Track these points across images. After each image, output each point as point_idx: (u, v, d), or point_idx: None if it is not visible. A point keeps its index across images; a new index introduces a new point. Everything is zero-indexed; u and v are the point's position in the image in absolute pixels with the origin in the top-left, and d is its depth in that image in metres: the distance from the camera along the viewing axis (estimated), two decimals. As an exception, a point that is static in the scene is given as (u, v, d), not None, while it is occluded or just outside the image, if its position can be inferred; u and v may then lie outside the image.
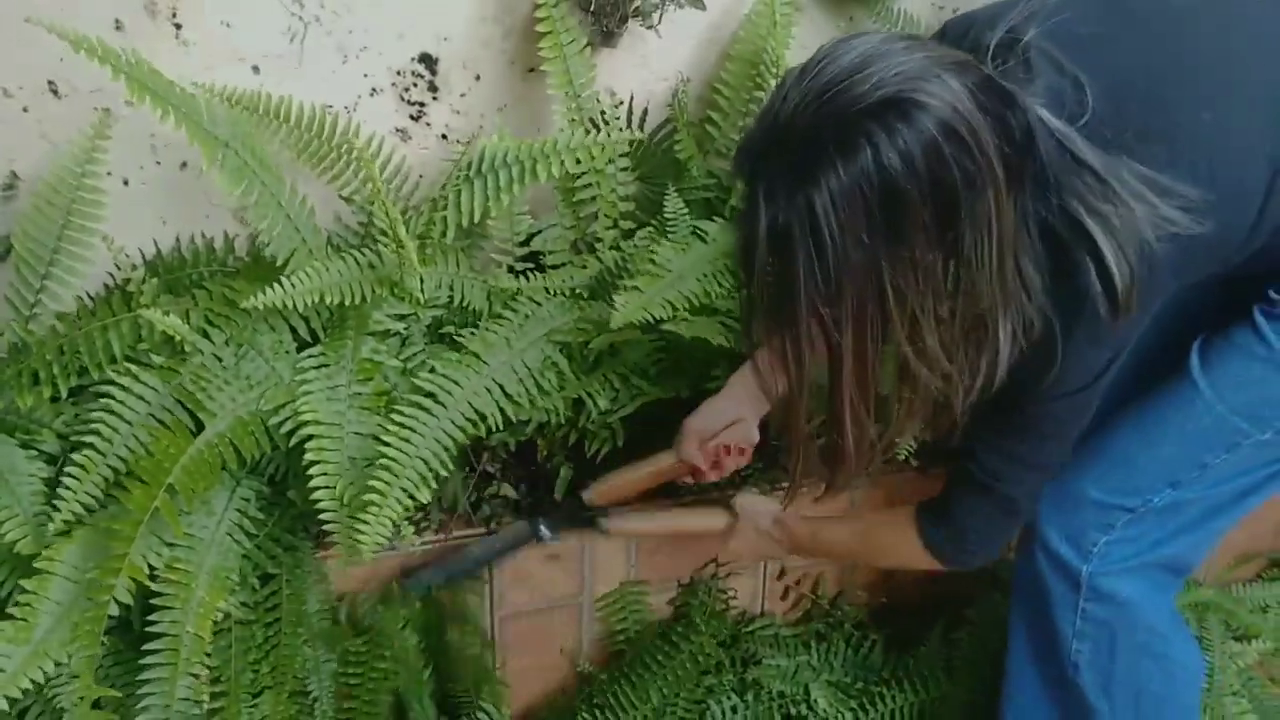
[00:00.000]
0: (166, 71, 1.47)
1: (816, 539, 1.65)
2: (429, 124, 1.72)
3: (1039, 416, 1.31)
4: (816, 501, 1.41)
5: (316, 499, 1.45)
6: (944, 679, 1.88)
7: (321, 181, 1.62)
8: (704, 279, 1.64)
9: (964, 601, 1.94)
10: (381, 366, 1.55)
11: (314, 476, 1.45)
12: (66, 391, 1.46)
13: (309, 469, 1.45)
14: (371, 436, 1.48)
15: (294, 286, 1.45)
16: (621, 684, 1.78)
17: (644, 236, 1.73)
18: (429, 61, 1.68)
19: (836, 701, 1.81)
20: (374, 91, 1.67)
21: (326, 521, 1.46)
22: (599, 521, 1.67)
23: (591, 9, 1.65)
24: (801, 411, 1.22)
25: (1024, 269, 1.14)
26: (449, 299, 1.63)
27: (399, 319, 1.58)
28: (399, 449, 1.46)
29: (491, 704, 1.73)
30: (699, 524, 1.70)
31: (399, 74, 1.67)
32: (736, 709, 1.80)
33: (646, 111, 1.83)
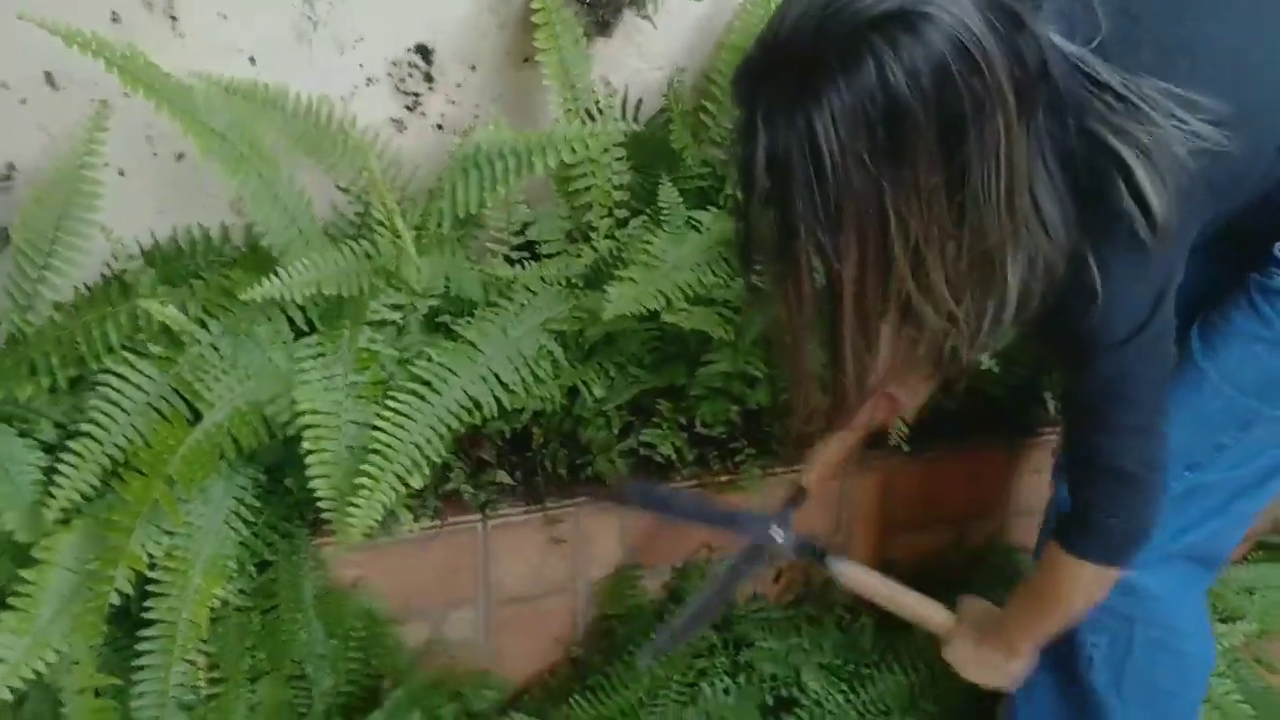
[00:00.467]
0: (163, 64, 1.47)
1: (1013, 619, 1.52)
2: (424, 114, 1.73)
3: (1114, 375, 1.25)
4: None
5: (314, 487, 1.46)
6: (934, 661, 1.89)
7: (317, 172, 1.61)
8: (698, 269, 1.63)
9: (955, 583, 1.96)
10: (378, 356, 1.56)
11: (311, 465, 1.46)
12: (65, 382, 1.47)
13: (306, 458, 1.46)
14: (368, 425, 1.49)
15: (292, 277, 1.45)
16: (614, 665, 1.80)
17: (638, 225, 1.73)
18: (425, 52, 1.68)
19: (828, 683, 1.83)
20: (370, 81, 1.68)
21: (324, 510, 1.47)
22: (830, 563, 1.60)
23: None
24: (804, 346, 1.17)
25: (1041, 204, 1.08)
26: (445, 288, 1.63)
27: (395, 309, 1.59)
28: (392, 434, 1.47)
29: (487, 687, 1.75)
30: (922, 613, 1.62)
31: (394, 64, 1.68)
32: (729, 691, 1.81)
33: (641, 101, 1.83)
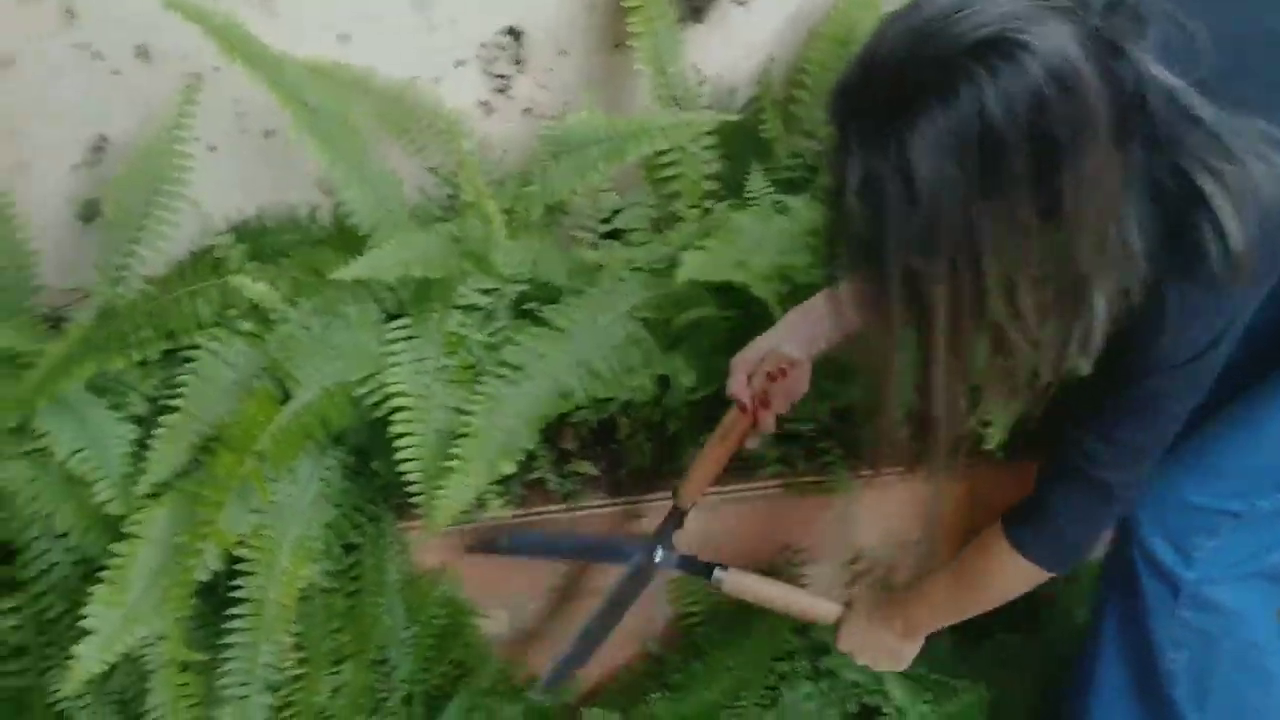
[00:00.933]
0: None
1: (921, 595, 1.54)
2: (513, 97, 1.71)
3: (1144, 393, 1.23)
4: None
5: (403, 470, 1.44)
6: (1016, 673, 1.85)
7: (405, 153, 1.60)
8: (784, 254, 1.58)
9: (1035, 594, 1.91)
10: (466, 340, 1.53)
11: (401, 448, 1.44)
12: (156, 355, 1.46)
13: (395, 440, 1.44)
14: (458, 410, 1.47)
15: (381, 258, 1.43)
16: (693, 665, 1.76)
17: (723, 208, 1.68)
18: (515, 34, 1.67)
19: (911, 693, 1.78)
20: (459, 64, 1.66)
21: (412, 494, 1.44)
22: (716, 575, 1.59)
23: (681, -15, 1.64)
24: (894, 379, 1.13)
25: (1127, 234, 1.07)
26: (531, 274, 1.61)
27: (484, 293, 1.57)
28: (483, 419, 1.45)
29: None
30: (811, 609, 1.62)
31: (484, 46, 1.67)
32: (811, 696, 1.76)
33: (733, 90, 1.80)
